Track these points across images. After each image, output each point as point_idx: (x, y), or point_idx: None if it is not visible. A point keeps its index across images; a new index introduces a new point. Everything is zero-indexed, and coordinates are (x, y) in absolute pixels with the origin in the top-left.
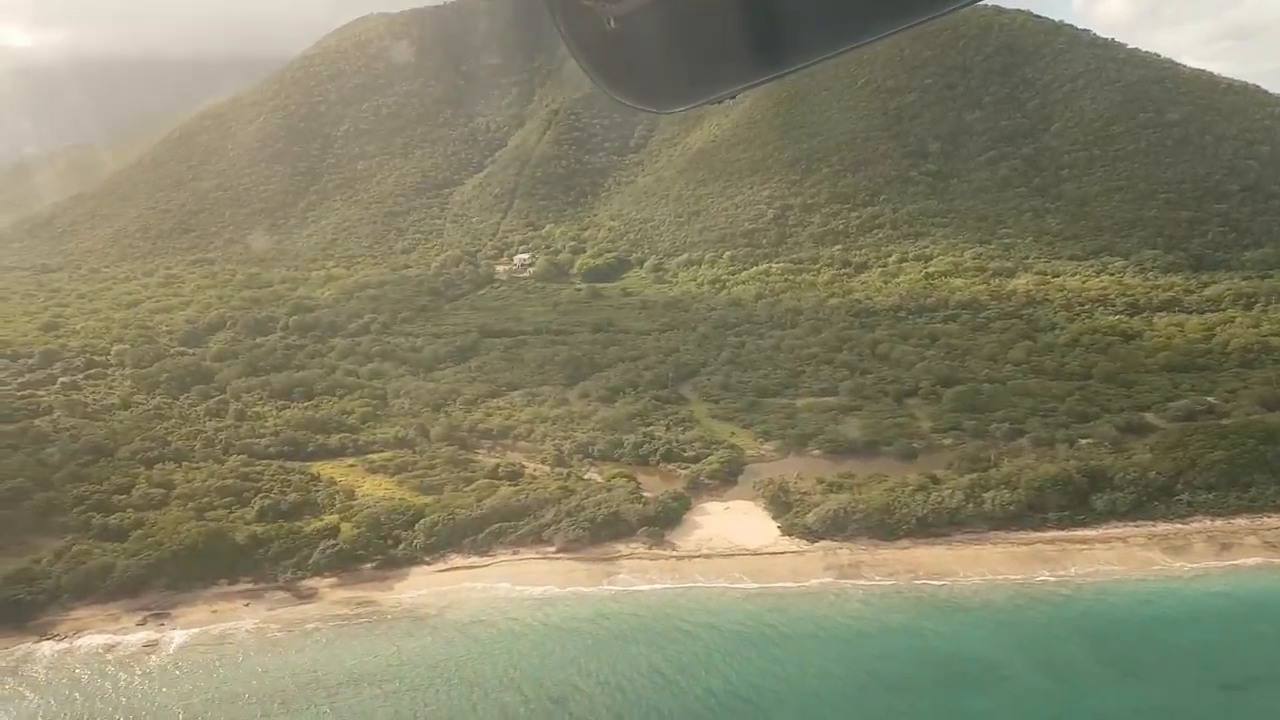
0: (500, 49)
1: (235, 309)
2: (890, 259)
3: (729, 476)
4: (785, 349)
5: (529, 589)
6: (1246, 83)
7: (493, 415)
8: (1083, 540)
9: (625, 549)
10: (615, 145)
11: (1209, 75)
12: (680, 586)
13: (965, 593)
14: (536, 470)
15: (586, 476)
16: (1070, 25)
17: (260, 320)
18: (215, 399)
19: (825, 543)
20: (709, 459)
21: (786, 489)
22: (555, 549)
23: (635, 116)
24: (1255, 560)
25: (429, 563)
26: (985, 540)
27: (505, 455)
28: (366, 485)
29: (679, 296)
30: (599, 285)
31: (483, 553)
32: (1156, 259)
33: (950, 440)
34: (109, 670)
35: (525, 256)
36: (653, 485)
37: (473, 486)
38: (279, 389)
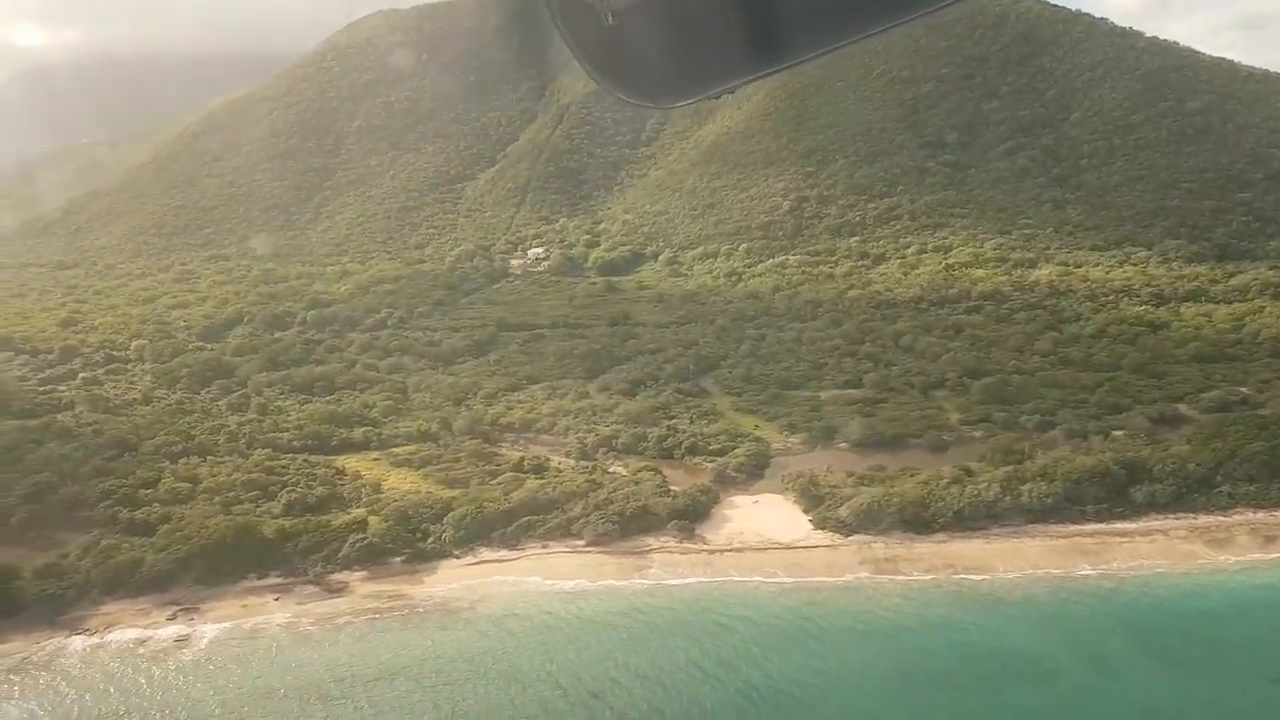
0: (511, 44)
1: (252, 304)
2: (909, 250)
3: (755, 470)
4: (806, 341)
5: (560, 583)
6: (1268, 70)
7: (514, 409)
8: (1123, 533)
9: (655, 543)
10: (627, 139)
11: (1229, 63)
12: (714, 580)
13: (1006, 587)
14: (561, 464)
15: (611, 470)
16: (1087, 14)
17: (278, 315)
18: (237, 394)
19: (859, 537)
20: (735, 452)
21: (817, 482)
22: (585, 543)
23: (647, 110)
24: None
25: (458, 556)
26: (1023, 534)
27: (528, 449)
28: (392, 479)
29: (695, 290)
30: (614, 279)
31: (511, 546)
32: (1180, 249)
33: (980, 432)
34: (142, 665)
35: (539, 251)
36: (678, 479)
37: (498, 480)
38: (300, 383)
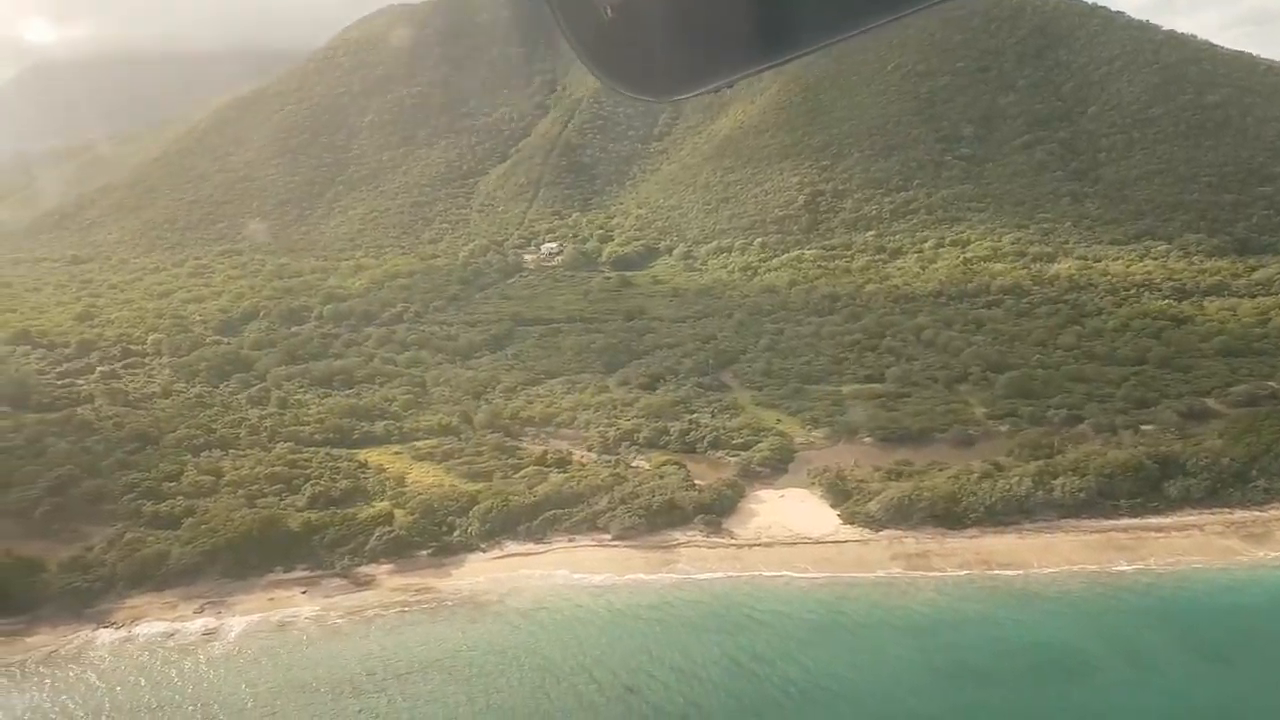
0: (523, 38)
1: (267, 299)
2: (926, 245)
3: (779, 464)
4: (825, 336)
5: (588, 577)
6: None
7: (534, 403)
8: (1158, 528)
9: (682, 537)
10: (640, 133)
11: (1248, 57)
12: (743, 575)
13: (1041, 583)
14: (583, 458)
15: (634, 464)
16: (1104, 7)
17: (294, 310)
18: (256, 387)
19: (890, 532)
20: (758, 446)
21: (844, 477)
22: (611, 536)
23: (664, 104)
24: None
25: (484, 550)
26: (1056, 529)
27: (549, 443)
28: (414, 472)
29: (710, 284)
30: (628, 273)
31: (538, 540)
32: (1201, 243)
33: (1006, 427)
34: (172, 658)
35: (553, 245)
36: (701, 473)
37: (521, 474)
38: (319, 377)
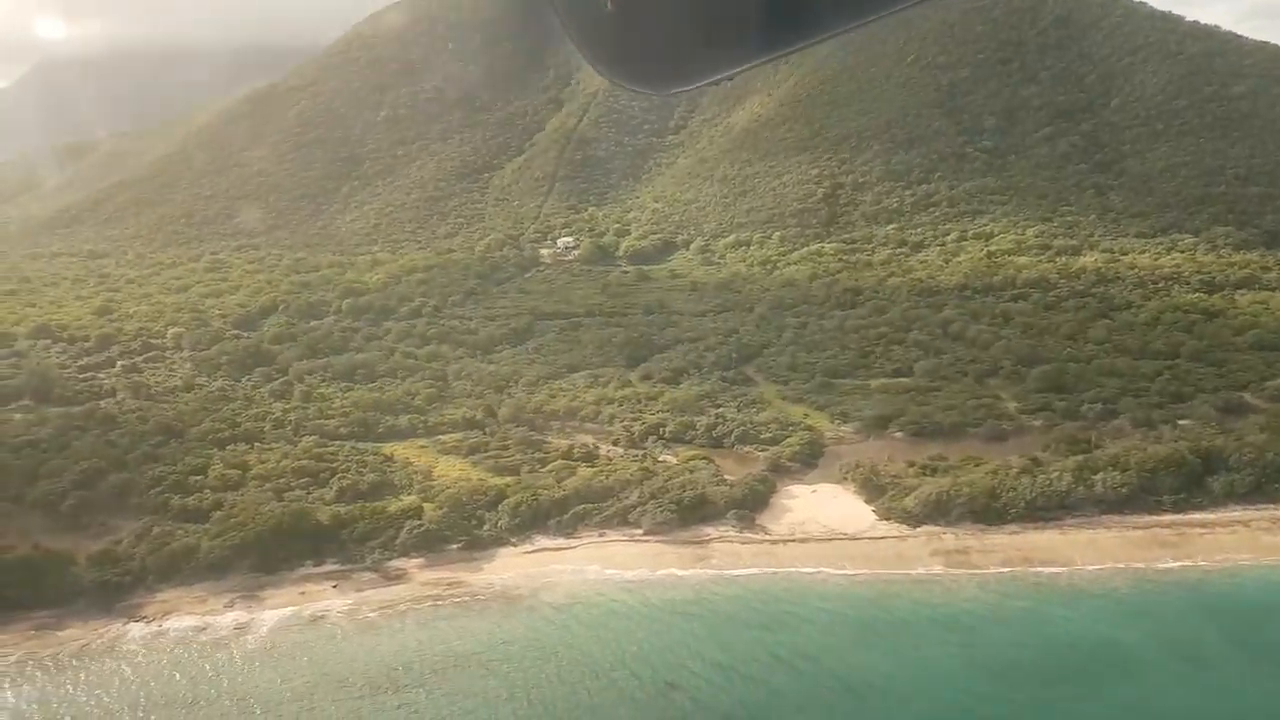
0: (536, 33)
1: (286, 294)
2: (949, 237)
3: (809, 459)
4: (850, 329)
5: (621, 572)
6: None
7: (557, 397)
8: (1202, 524)
9: (715, 532)
10: (655, 127)
11: (1273, 48)
12: (781, 571)
13: (1086, 579)
14: (610, 452)
15: (661, 459)
16: None
17: (312, 304)
18: (278, 381)
19: (928, 528)
20: (788, 441)
21: (878, 472)
22: (643, 531)
23: (674, 98)
24: None
25: (515, 544)
26: (1097, 524)
27: (574, 437)
28: (440, 466)
29: (729, 278)
30: (645, 268)
31: (568, 535)
32: (1229, 235)
33: (1040, 421)
34: (205, 652)
35: (569, 240)
36: (729, 468)
37: (549, 468)
38: (341, 371)
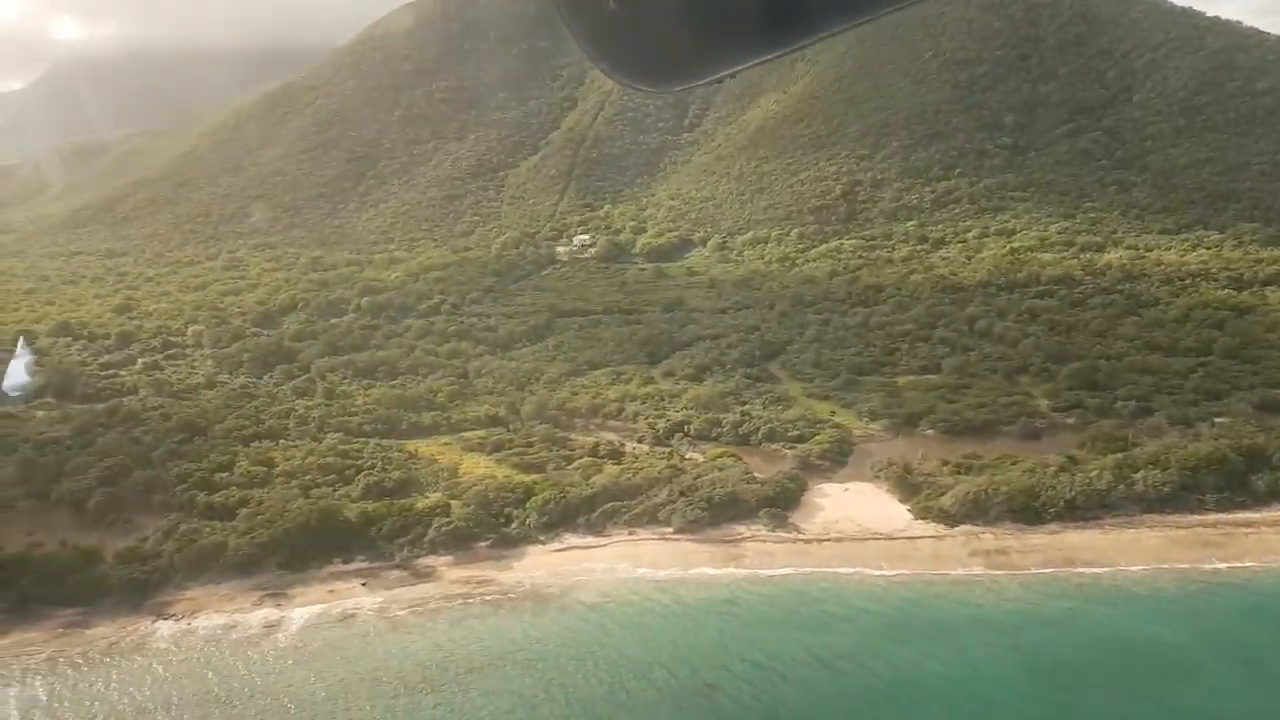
0: (550, 32)
1: (304, 292)
2: (970, 234)
3: (838, 457)
4: (874, 326)
5: (653, 571)
6: None
7: (579, 394)
8: (1247, 524)
9: (747, 531)
10: (669, 125)
11: None
12: (816, 571)
13: (1131, 581)
14: (635, 449)
15: (688, 456)
16: None
17: (331, 302)
18: (301, 378)
19: (966, 527)
20: (816, 439)
21: (911, 470)
22: (673, 530)
23: (689, 96)
24: None
25: (544, 542)
26: (1139, 524)
27: (598, 434)
28: (465, 463)
29: (748, 275)
30: (662, 265)
31: (597, 533)
32: (1255, 232)
33: (1074, 419)
34: (237, 650)
35: (585, 237)
36: (757, 466)
37: (575, 465)
38: (362, 368)
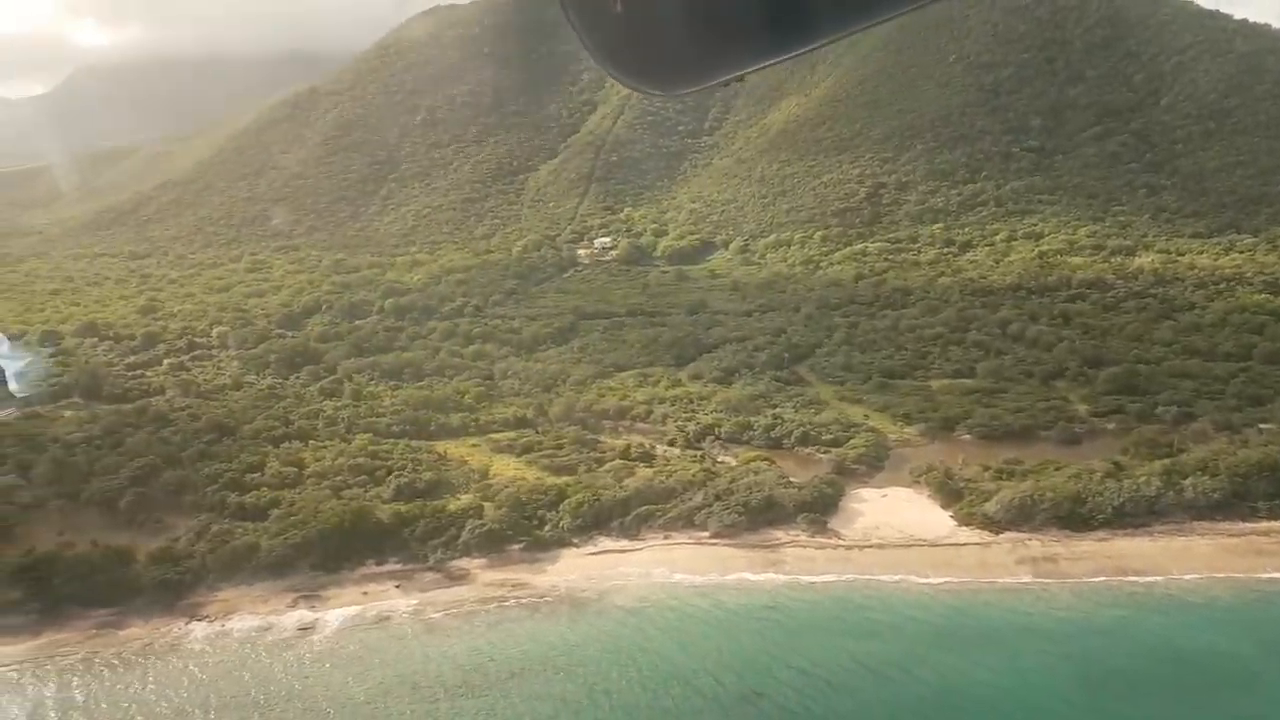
0: (570, 37)
1: (327, 294)
2: (997, 237)
3: (875, 461)
4: (904, 329)
5: (690, 576)
6: None
7: (606, 396)
8: None
9: (785, 536)
10: (690, 128)
11: None
12: (859, 578)
13: (1185, 590)
14: (666, 452)
15: (720, 459)
16: None
17: (355, 304)
18: (327, 379)
19: (1011, 534)
20: (852, 443)
21: (952, 475)
22: (709, 534)
23: (709, 99)
24: None
25: (577, 545)
26: (1189, 531)
27: (627, 436)
28: (495, 465)
29: (771, 278)
30: (684, 268)
31: (632, 536)
32: None
33: (1114, 424)
34: (273, 651)
35: (606, 240)
36: (790, 470)
37: (606, 467)
38: (389, 369)
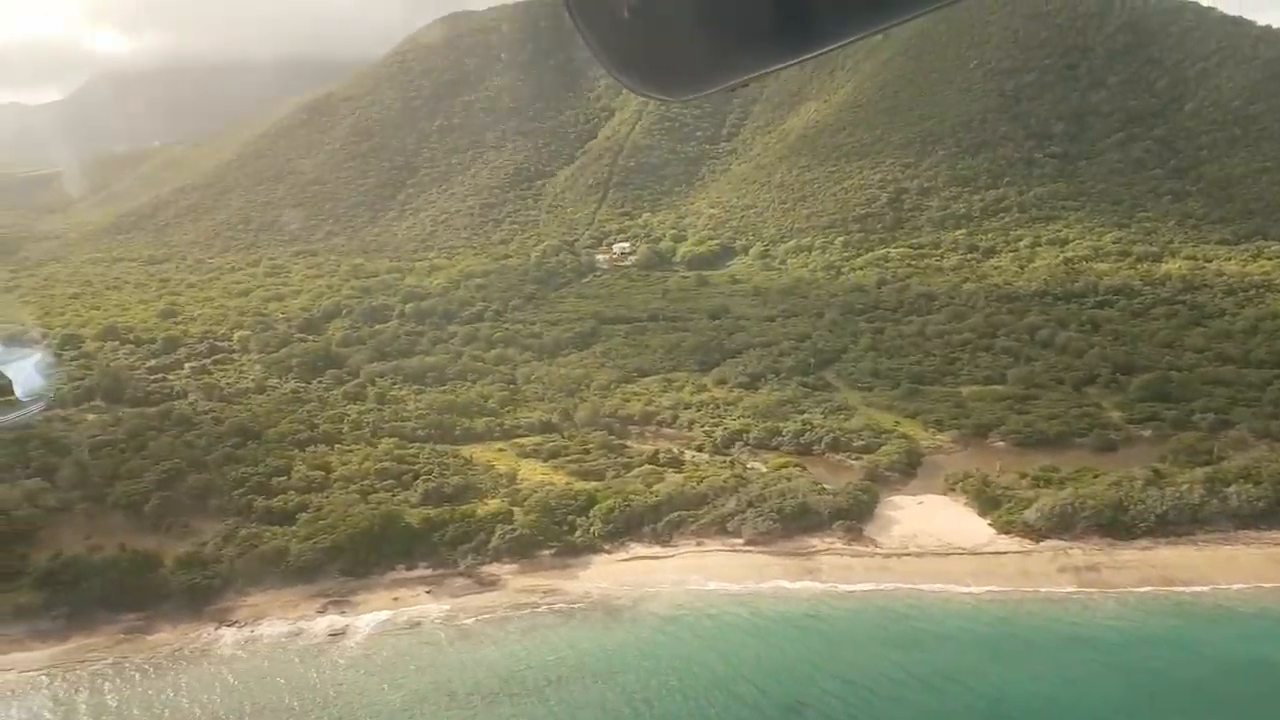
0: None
1: (347, 298)
2: (1021, 243)
3: (907, 468)
4: (931, 335)
5: (726, 584)
6: None
7: (631, 401)
8: None
9: (820, 544)
10: (708, 134)
11: None
12: (903, 587)
13: (1233, 599)
14: (695, 458)
15: (751, 466)
16: (1194, 2)
17: (376, 308)
18: (351, 383)
19: (1052, 542)
20: (884, 450)
21: (989, 483)
22: (743, 541)
23: (727, 105)
24: None
25: (609, 551)
26: (1235, 540)
27: (654, 441)
28: (523, 469)
29: (793, 283)
30: (704, 273)
31: (664, 543)
32: None
33: (1150, 431)
34: (305, 657)
35: (625, 245)
36: (820, 476)
37: (635, 473)
38: (412, 373)
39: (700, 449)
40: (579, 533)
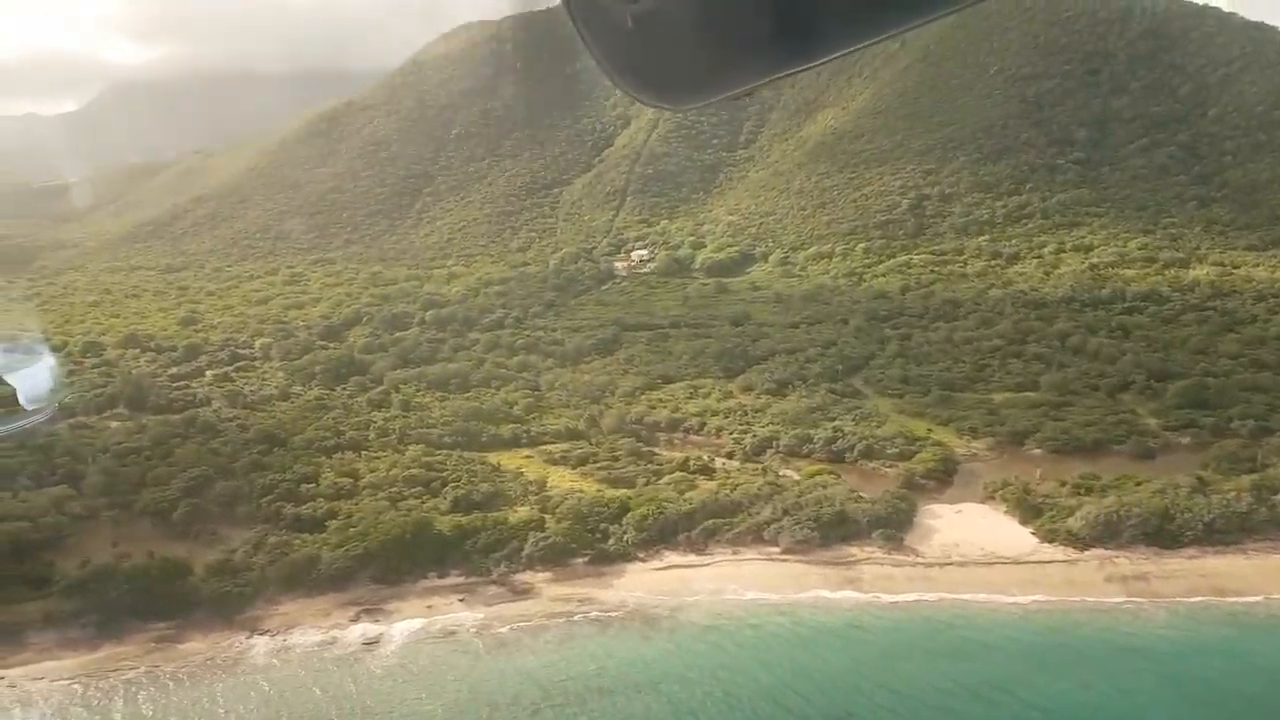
0: None
1: (367, 306)
2: (1046, 250)
3: (944, 476)
4: (959, 341)
5: (765, 594)
6: None
7: (657, 408)
8: None
9: (860, 553)
10: (725, 141)
11: None
12: (948, 597)
13: None
14: (726, 465)
15: (783, 473)
16: (1216, 8)
17: (396, 315)
18: (375, 390)
19: (1097, 551)
20: (919, 457)
21: (1030, 490)
22: (780, 549)
23: (743, 112)
24: None
25: (643, 559)
26: None
27: (683, 448)
28: (551, 477)
29: (814, 290)
30: (724, 280)
31: (699, 551)
32: None
33: (1188, 439)
34: (341, 666)
35: (644, 252)
36: (854, 484)
37: (665, 480)
38: (435, 380)
39: (730, 456)
40: (612, 540)
